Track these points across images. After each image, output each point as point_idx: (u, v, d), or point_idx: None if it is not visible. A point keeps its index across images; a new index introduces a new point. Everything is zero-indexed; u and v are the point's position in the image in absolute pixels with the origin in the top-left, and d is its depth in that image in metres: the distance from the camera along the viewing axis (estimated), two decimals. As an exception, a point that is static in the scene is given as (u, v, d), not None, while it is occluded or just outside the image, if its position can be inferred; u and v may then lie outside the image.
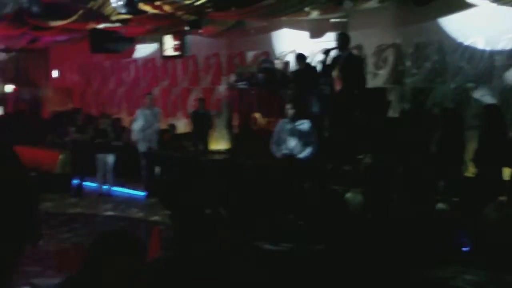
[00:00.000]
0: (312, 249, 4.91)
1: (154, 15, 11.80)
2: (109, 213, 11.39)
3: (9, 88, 18.04)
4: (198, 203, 5.32)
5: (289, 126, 9.59)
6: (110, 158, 12.79)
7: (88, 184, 13.20)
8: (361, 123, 9.56)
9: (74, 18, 12.38)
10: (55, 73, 18.64)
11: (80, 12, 11.97)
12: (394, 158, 8.04)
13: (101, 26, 13.51)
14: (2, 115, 14.64)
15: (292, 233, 6.07)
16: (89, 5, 11.56)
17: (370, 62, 11.46)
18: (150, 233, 10.05)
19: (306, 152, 9.43)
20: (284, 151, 9.54)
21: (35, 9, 10.33)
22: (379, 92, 10.87)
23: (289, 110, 9.58)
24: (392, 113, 10.55)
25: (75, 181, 12.91)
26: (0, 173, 4.44)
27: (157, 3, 10.66)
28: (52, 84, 18.66)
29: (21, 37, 15.65)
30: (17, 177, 4.47)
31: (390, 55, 11.23)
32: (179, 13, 11.51)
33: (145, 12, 11.44)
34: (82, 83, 18.24)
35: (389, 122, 10.16)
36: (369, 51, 11.52)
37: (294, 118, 9.54)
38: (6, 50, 17.43)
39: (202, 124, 13.60)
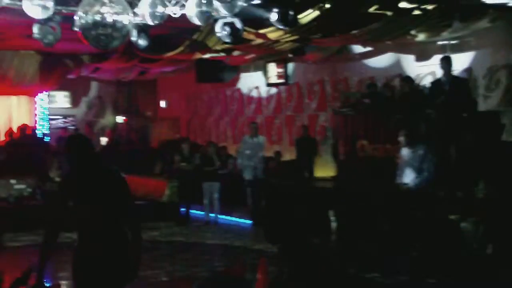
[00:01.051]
0: (426, 284, 4.65)
1: (258, 43, 11.86)
2: (215, 241, 11.43)
3: (119, 119, 18.66)
4: (305, 233, 5.16)
5: (405, 153, 9.25)
6: (216, 186, 12.90)
7: (194, 212, 13.36)
8: (472, 148, 9.13)
9: (180, 49, 12.63)
10: (162, 103, 19.13)
11: (186, 43, 12.20)
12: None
13: (206, 56, 13.72)
14: (109, 144, 15.11)
15: (404, 265, 5.81)
16: (194, 36, 11.75)
17: (481, 84, 10.99)
18: (255, 263, 9.96)
19: (420, 178, 9.01)
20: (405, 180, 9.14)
21: (143, 42, 10.57)
22: (492, 115, 10.40)
23: (403, 136, 9.25)
24: (506, 137, 10.03)
25: (182, 209, 13.09)
26: (106, 198, 4.44)
27: (261, 31, 10.68)
28: (160, 114, 19.16)
29: (132, 70, 16.18)
30: (123, 205, 4.46)
31: (502, 77, 10.73)
32: (283, 40, 11.50)
33: (249, 40, 11.51)
34: (188, 112, 18.61)
35: (504, 146, 9.67)
36: (479, 72, 11.07)
37: (409, 144, 9.20)
38: (116, 83, 18.07)
39: (307, 151, 13.50)
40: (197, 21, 9.82)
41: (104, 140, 15.81)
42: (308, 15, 9.72)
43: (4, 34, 12.80)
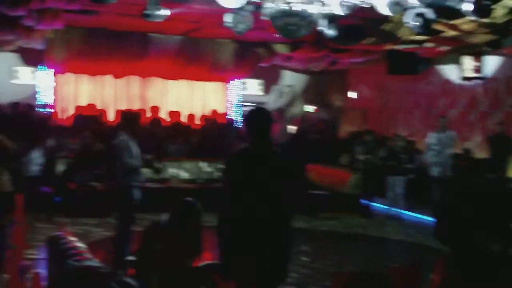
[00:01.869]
0: None
1: (451, 35, 11.41)
2: (396, 237, 11.24)
3: (309, 108, 18.91)
4: (474, 235, 4.89)
5: None
6: (401, 181, 12.67)
7: (377, 205, 13.24)
8: None
9: (371, 39, 12.53)
10: (351, 94, 19.09)
11: (377, 33, 12.07)
12: None
13: (398, 47, 13.46)
14: (297, 133, 15.38)
15: None
16: (383, 26, 11.58)
17: None
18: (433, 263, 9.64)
19: None
20: None
21: (331, 32, 10.63)
22: None
23: None
24: None
25: (364, 202, 13.03)
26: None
27: (454, 22, 10.27)
28: (348, 105, 19.15)
29: (322, 60, 16.31)
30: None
31: None
32: (478, 32, 10.96)
33: (441, 32, 11.12)
34: (377, 104, 18.40)
35: None
36: None
37: None
38: (307, 72, 18.33)
39: (502, 150, 12.78)
40: (387, 11, 9.70)
41: (292, 129, 16.14)
42: (505, 6, 9.18)
43: (200, 22, 13.54)
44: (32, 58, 15.58)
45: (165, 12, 10.71)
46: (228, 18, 10.76)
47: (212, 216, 4.59)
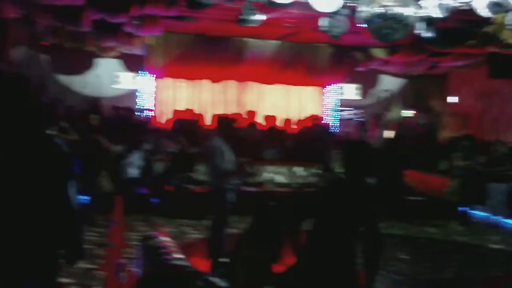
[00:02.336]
0: None
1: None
2: (496, 245, 10.88)
3: (407, 113, 18.58)
4: None
5: None
6: (503, 188, 12.26)
7: (476, 213, 12.86)
8: None
9: (471, 42, 12.20)
10: (452, 99, 18.60)
11: (477, 36, 11.74)
12: None
13: (500, 50, 13.02)
14: (394, 138, 15.12)
15: None
16: (485, 29, 11.25)
17: None
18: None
19: None
20: None
21: (428, 34, 10.44)
22: None
23: None
24: None
25: (462, 209, 12.67)
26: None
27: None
28: (449, 110, 18.66)
29: (420, 63, 16.01)
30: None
31: None
32: None
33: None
34: (478, 109, 17.84)
35: None
36: None
37: None
38: (405, 76, 18.03)
39: None
40: (487, 12, 9.43)
41: (388, 134, 15.90)
42: None
43: (296, 27, 13.61)
44: (133, 64, 16.15)
45: (261, 17, 10.86)
46: (323, 22, 10.80)
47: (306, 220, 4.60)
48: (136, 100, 16.63)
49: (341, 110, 18.55)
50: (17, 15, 10.84)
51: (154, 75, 16.53)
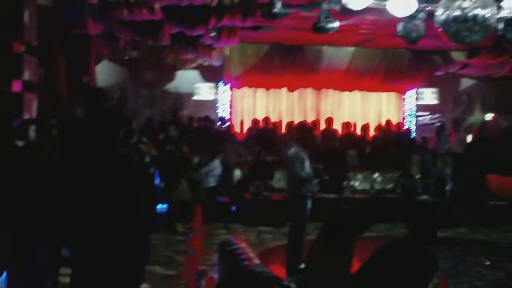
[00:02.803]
0: None
1: None
2: None
3: (488, 116, 18.06)
4: None
5: None
6: None
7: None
8: None
9: None
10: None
11: None
12: None
13: None
14: (475, 142, 14.72)
15: None
16: None
17: None
18: None
19: None
20: None
21: (511, 35, 10.12)
22: None
23: None
24: None
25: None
26: None
27: None
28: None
29: (502, 66, 15.54)
30: None
31: None
32: None
33: None
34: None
35: None
36: None
37: None
38: (486, 79, 17.54)
39: None
40: None
41: (469, 138, 15.51)
42: None
43: (372, 33, 13.47)
44: (211, 75, 16.38)
45: (336, 24, 10.81)
46: (400, 27, 10.66)
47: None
48: (215, 110, 16.85)
49: (419, 115, 18.22)
50: (100, 31, 11.19)
51: (231, 85, 16.72)
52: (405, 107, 18.09)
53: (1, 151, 5.87)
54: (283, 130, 15.89)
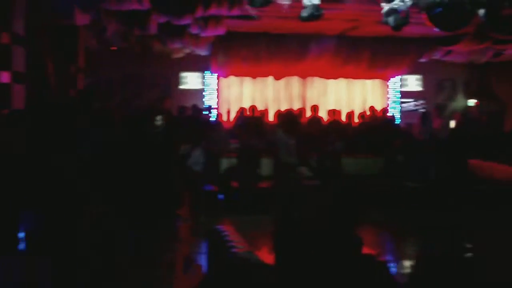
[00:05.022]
0: None
1: None
2: None
3: (471, 102, 18.09)
4: None
5: None
6: None
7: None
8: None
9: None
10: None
11: None
12: None
13: None
14: (457, 128, 14.74)
15: None
16: None
17: None
18: None
19: None
20: None
21: (489, 21, 10.07)
22: None
23: None
24: None
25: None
26: None
27: None
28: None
29: (484, 52, 15.54)
30: None
31: None
32: None
33: None
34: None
35: None
36: None
37: None
38: (469, 65, 17.53)
39: None
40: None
41: (452, 124, 15.51)
42: None
43: (357, 21, 13.40)
44: (198, 64, 16.26)
45: (321, 12, 10.71)
46: (384, 15, 10.58)
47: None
48: (202, 99, 16.74)
49: (403, 102, 18.21)
50: (87, 21, 11.05)
51: (218, 74, 16.61)
52: (390, 94, 18.06)
53: None
54: (270, 118, 15.82)
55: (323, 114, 16.12)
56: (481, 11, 9.92)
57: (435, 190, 11.98)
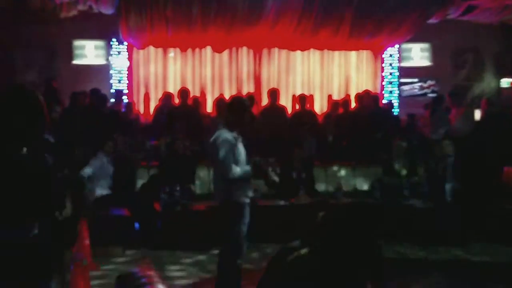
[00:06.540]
0: None
1: None
2: None
3: (504, 82, 18.38)
4: None
5: None
6: None
7: None
8: None
9: None
10: None
11: None
12: None
13: None
14: (487, 121, 14.97)
15: None
16: None
17: None
18: None
19: None
20: None
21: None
22: None
23: None
24: None
25: None
26: None
27: None
28: None
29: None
30: None
31: None
32: None
33: None
34: None
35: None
36: None
37: None
38: (501, 28, 17.78)
39: None
40: None
41: (477, 115, 15.73)
42: None
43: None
44: (100, 28, 16.18)
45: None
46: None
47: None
48: (107, 81, 16.66)
49: (404, 83, 18.42)
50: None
51: (131, 44, 16.53)
52: (384, 71, 18.24)
53: None
54: (208, 107, 15.82)
55: (286, 101, 16.20)
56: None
57: (453, 212, 12.11)
